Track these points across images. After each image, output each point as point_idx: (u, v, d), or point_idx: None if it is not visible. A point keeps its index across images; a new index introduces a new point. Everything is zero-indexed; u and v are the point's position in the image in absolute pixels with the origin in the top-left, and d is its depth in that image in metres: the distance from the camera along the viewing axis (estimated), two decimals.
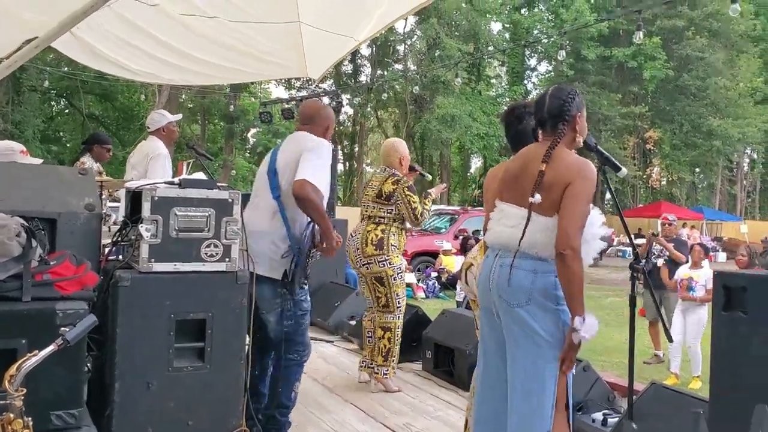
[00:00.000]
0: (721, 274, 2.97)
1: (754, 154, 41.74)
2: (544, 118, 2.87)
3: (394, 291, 5.09)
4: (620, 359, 8.32)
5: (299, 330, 3.54)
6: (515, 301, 2.76)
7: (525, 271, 2.76)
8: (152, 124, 5.47)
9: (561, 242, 2.65)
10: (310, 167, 3.33)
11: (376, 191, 5.16)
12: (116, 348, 2.60)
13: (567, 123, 2.83)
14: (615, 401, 4.56)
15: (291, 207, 3.43)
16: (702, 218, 33.04)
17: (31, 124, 25.24)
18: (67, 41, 5.28)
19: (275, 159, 3.59)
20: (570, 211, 2.69)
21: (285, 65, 6.46)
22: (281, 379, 3.55)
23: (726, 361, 2.83)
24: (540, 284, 2.74)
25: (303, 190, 3.25)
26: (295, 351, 3.57)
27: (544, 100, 2.88)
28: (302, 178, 3.27)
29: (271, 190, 3.50)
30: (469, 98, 32.11)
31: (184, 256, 2.73)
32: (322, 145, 3.52)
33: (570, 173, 2.72)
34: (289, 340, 3.52)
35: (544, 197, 2.73)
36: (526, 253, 2.77)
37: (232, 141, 35.55)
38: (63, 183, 2.75)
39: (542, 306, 2.74)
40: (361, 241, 5.11)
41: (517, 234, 2.77)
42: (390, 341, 5.12)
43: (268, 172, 3.56)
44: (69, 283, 2.15)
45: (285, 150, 3.60)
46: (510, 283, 2.77)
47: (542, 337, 2.74)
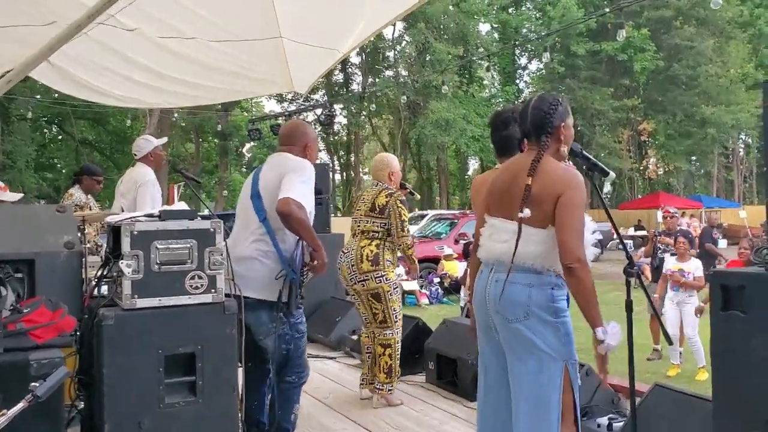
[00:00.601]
0: (718, 273, 2.92)
1: (748, 140, 41.71)
2: (527, 129, 2.86)
3: (391, 306, 5.04)
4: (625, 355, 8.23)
5: (297, 353, 3.50)
6: (513, 316, 2.72)
7: (521, 285, 2.73)
8: (139, 151, 5.42)
9: (566, 256, 2.63)
10: (293, 186, 3.31)
11: (368, 205, 5.10)
12: (104, 389, 2.54)
13: (550, 135, 2.80)
14: (620, 403, 4.49)
15: (278, 228, 3.39)
16: (701, 206, 32.99)
17: (23, 153, 25.18)
18: (46, 71, 5.24)
19: (257, 182, 3.55)
20: (567, 222, 2.67)
21: (270, 81, 6.42)
22: (280, 403, 3.49)
23: (727, 361, 2.78)
24: (537, 298, 2.71)
25: (287, 206, 3.22)
26: (294, 373, 3.52)
27: (527, 112, 2.84)
28: (286, 196, 3.24)
29: (256, 213, 3.46)
30: (462, 101, 32.11)
31: (168, 290, 2.67)
32: (303, 164, 3.50)
33: (559, 185, 2.70)
34: (288, 363, 3.48)
35: (534, 210, 2.70)
36: (521, 267, 2.74)
37: (227, 158, 35.53)
38: (40, 222, 2.69)
39: (541, 319, 2.71)
40: (355, 257, 5.03)
41: (510, 249, 2.74)
42: (391, 357, 5.06)
43: (251, 196, 3.52)
44: (44, 330, 2.09)
45: (266, 173, 3.57)
46: (506, 299, 2.74)
47: (543, 351, 2.70)
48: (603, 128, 34.10)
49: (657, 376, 7.35)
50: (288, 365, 3.49)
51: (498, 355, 2.89)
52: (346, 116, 36.50)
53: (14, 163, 24.35)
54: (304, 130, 3.79)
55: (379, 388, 5.09)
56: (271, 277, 3.37)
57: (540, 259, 2.72)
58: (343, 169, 40.99)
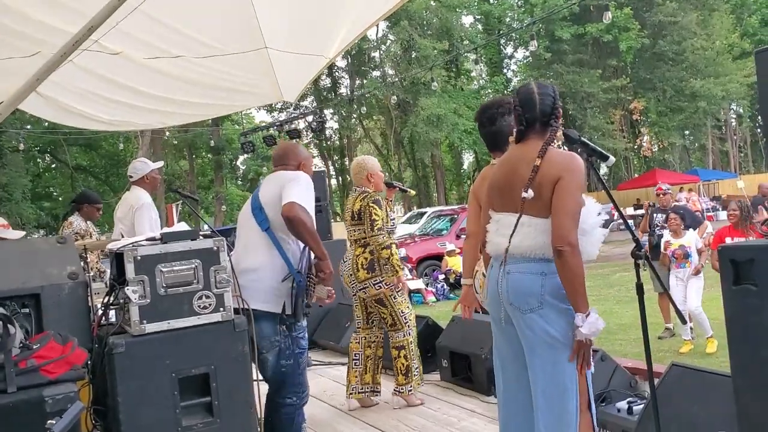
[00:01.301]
0: (727, 248, 2.89)
1: (740, 109, 41.70)
2: (535, 116, 2.83)
3: (398, 308, 5.02)
4: (637, 335, 8.26)
5: (297, 370, 3.45)
6: (527, 306, 2.73)
7: (533, 275, 2.74)
8: (135, 173, 5.39)
9: (557, 239, 2.63)
10: (295, 193, 3.31)
11: (350, 214, 5.13)
12: (120, 417, 2.52)
13: (557, 119, 2.84)
14: (637, 386, 4.48)
15: (283, 236, 3.39)
16: (698, 180, 33.02)
17: (19, 184, 25.17)
18: (35, 101, 5.21)
19: (257, 198, 3.56)
20: (562, 206, 2.66)
21: (259, 93, 6.40)
22: (285, 427, 3.44)
23: (743, 336, 2.75)
24: (550, 286, 2.71)
25: (293, 210, 3.22)
26: (293, 393, 3.46)
27: (533, 99, 2.83)
28: (290, 201, 3.24)
29: (259, 224, 3.45)
30: (451, 96, 32.09)
31: (176, 313, 2.65)
32: (301, 175, 3.51)
33: (556, 169, 2.70)
34: (287, 381, 3.42)
35: (536, 197, 2.70)
36: (531, 257, 2.76)
37: (222, 172, 35.51)
38: (42, 255, 2.68)
39: (555, 308, 2.71)
40: (352, 266, 5.05)
41: (518, 240, 2.76)
42: (407, 358, 5.05)
43: (252, 210, 3.51)
44: (56, 365, 2.07)
45: (265, 189, 3.57)
46: (519, 289, 2.75)
47: (558, 340, 2.71)
48: (594, 110, 34.05)
49: (670, 354, 7.35)
50: (287, 383, 3.43)
51: (515, 349, 2.89)
52: (337, 121, 36.47)
53: (11, 195, 24.33)
54: (297, 150, 3.81)
55: (398, 390, 5.09)
56: (276, 287, 3.35)
57: (548, 248, 2.71)
58: (338, 174, 40.95)
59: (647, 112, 36.97)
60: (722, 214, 28.25)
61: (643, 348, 3.01)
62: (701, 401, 3.53)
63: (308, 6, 4.79)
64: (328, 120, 34.16)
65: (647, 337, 3.01)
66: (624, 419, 3.97)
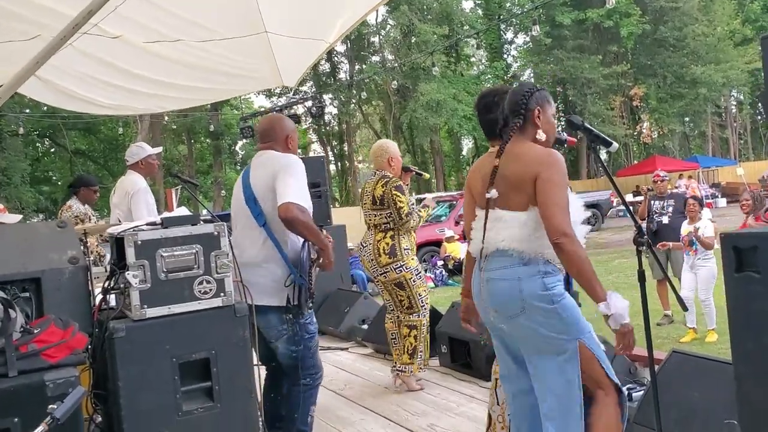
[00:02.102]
0: (729, 235, 2.88)
1: (740, 96, 41.60)
2: (506, 115, 2.88)
3: (416, 292, 5.06)
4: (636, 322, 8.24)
5: (308, 353, 3.46)
6: (511, 312, 2.71)
7: (509, 282, 2.70)
8: (131, 157, 5.36)
9: (552, 232, 2.59)
10: (290, 188, 3.25)
11: (370, 197, 5.12)
12: (121, 401, 2.52)
13: (522, 117, 2.81)
14: (637, 373, 4.48)
15: (280, 231, 3.35)
16: (697, 167, 32.98)
17: (18, 168, 25.11)
18: (34, 85, 5.18)
19: (248, 185, 3.48)
20: (548, 199, 2.63)
21: (259, 77, 6.37)
22: (297, 406, 3.47)
23: (745, 323, 2.74)
24: (528, 290, 2.67)
25: (290, 212, 3.17)
26: (308, 376, 3.48)
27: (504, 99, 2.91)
28: (286, 202, 3.19)
29: (255, 219, 3.40)
30: (451, 81, 31.98)
31: (177, 298, 2.64)
32: (292, 161, 3.43)
33: (534, 165, 2.68)
34: (300, 365, 3.43)
35: (514, 194, 2.71)
36: (505, 255, 2.72)
37: (221, 157, 35.43)
38: (42, 239, 2.66)
39: (539, 310, 2.67)
40: (373, 251, 5.07)
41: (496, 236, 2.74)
42: (416, 339, 5.09)
43: (246, 201, 3.46)
44: (56, 349, 2.06)
45: (256, 175, 3.49)
46: (499, 296, 2.73)
47: (552, 336, 2.68)
48: (594, 97, 33.96)
49: (669, 341, 7.37)
50: (300, 367, 3.45)
51: (509, 348, 2.92)
52: (336, 106, 36.36)
53: (10, 179, 24.28)
54: (281, 123, 3.71)
55: (401, 370, 5.11)
56: (278, 282, 3.33)
57: (525, 243, 2.68)
58: (337, 160, 40.89)
59: (647, 99, 36.89)
60: (721, 202, 28.27)
61: (643, 335, 3.00)
62: (701, 388, 3.54)
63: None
64: (327, 105, 34.05)
65: (648, 323, 3.00)
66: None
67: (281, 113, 10.17)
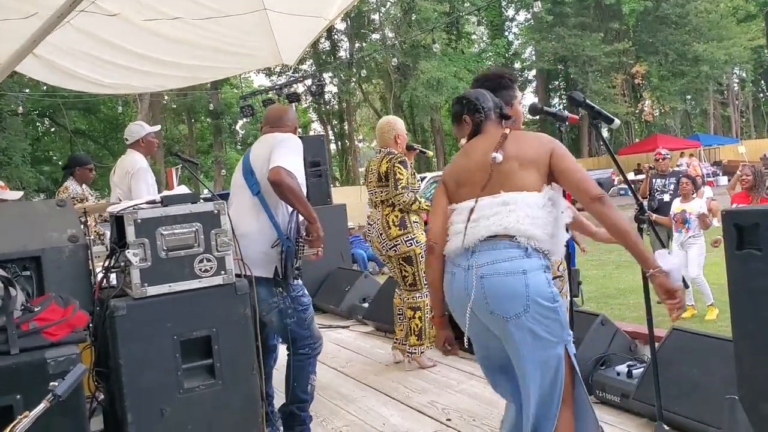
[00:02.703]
0: (731, 212, 2.87)
1: (743, 74, 41.36)
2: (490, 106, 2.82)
3: (422, 269, 5.04)
4: (636, 300, 8.31)
5: (303, 324, 3.50)
6: (512, 313, 2.43)
7: (514, 276, 2.44)
8: (131, 136, 5.35)
9: (592, 191, 2.48)
10: (282, 155, 3.31)
11: (375, 176, 5.11)
12: (123, 379, 2.53)
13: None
14: (637, 350, 4.49)
15: (273, 201, 3.40)
16: (698, 145, 32.89)
17: (18, 148, 25.04)
18: (33, 64, 5.16)
19: (248, 161, 3.56)
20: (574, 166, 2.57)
21: (258, 56, 6.34)
22: (295, 375, 3.52)
23: (745, 301, 2.75)
24: (534, 285, 2.43)
25: (278, 175, 3.22)
26: (306, 346, 3.53)
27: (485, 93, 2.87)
28: (276, 165, 3.25)
29: (250, 189, 3.46)
30: (452, 59, 31.78)
31: (177, 276, 2.64)
32: (291, 137, 3.52)
33: (546, 141, 2.64)
34: (295, 336, 3.48)
35: (525, 173, 2.56)
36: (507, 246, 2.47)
37: (221, 137, 35.35)
38: (42, 218, 2.66)
39: (541, 308, 2.44)
40: (382, 225, 5.07)
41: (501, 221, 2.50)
42: (421, 320, 5.10)
43: (243, 175, 3.54)
44: (57, 327, 2.07)
45: (256, 152, 3.57)
46: (500, 294, 2.45)
47: (548, 340, 2.47)
48: (596, 74, 33.80)
49: (669, 319, 7.37)
50: (296, 338, 3.50)
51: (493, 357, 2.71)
52: (336, 84, 36.18)
53: (10, 159, 24.22)
54: (292, 114, 3.84)
55: (411, 351, 5.13)
56: (266, 252, 3.37)
57: (537, 227, 2.47)
58: (337, 139, 40.75)
59: (649, 77, 36.71)
60: (722, 180, 28.20)
61: (643, 312, 3.01)
62: (701, 365, 3.55)
63: None
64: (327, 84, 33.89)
65: (649, 300, 3.02)
66: (624, 382, 3.99)
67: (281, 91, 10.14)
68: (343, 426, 4.18)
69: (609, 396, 4.06)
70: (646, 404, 3.66)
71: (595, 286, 9.34)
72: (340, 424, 4.22)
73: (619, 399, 3.97)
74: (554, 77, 41.81)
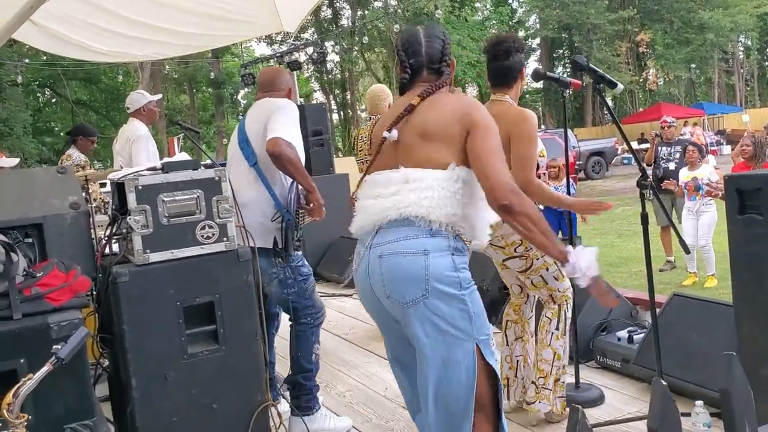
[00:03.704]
0: (733, 177, 2.87)
1: (748, 42, 40.99)
2: (421, 62, 2.39)
3: None
4: (638, 268, 8.35)
5: (305, 294, 3.49)
6: (409, 298, 2.15)
7: (413, 256, 2.15)
8: (132, 104, 5.35)
9: (498, 193, 2.10)
10: (280, 125, 3.24)
11: (367, 144, 5.03)
12: (126, 345, 2.54)
13: (449, 66, 2.44)
14: (638, 316, 4.52)
15: (270, 171, 3.35)
16: (703, 114, 32.71)
17: (20, 119, 24.99)
18: (30, 31, 5.11)
19: (243, 129, 3.49)
20: (486, 147, 2.18)
21: (258, 23, 6.27)
22: (299, 345, 3.53)
23: (746, 265, 2.75)
24: (435, 268, 2.13)
25: (277, 147, 3.16)
26: (308, 315, 3.53)
27: (420, 43, 2.39)
28: (274, 136, 3.18)
29: (246, 159, 3.41)
30: (455, 27, 31.47)
31: (179, 242, 2.64)
32: (287, 104, 3.43)
33: (461, 108, 2.26)
34: (296, 306, 3.48)
35: (429, 147, 2.24)
36: (409, 225, 2.18)
37: (223, 106, 35.23)
38: (43, 185, 2.66)
39: (443, 296, 2.14)
40: None
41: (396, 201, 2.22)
42: None
43: (239, 143, 3.47)
44: (60, 292, 2.08)
45: (251, 119, 3.50)
46: (396, 276, 2.17)
47: (450, 334, 2.15)
48: (600, 43, 33.53)
49: (671, 286, 7.43)
50: (297, 308, 3.49)
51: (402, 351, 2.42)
52: (339, 53, 35.91)
53: (12, 129, 24.18)
54: (286, 77, 3.72)
55: None
56: (265, 223, 3.34)
57: (435, 209, 2.16)
58: (339, 108, 40.56)
59: (654, 45, 36.38)
60: (726, 149, 28.08)
61: (643, 281, 3.01)
62: (702, 330, 3.57)
63: None
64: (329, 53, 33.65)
65: (650, 265, 3.01)
66: (624, 348, 4.01)
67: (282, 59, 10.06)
68: (346, 391, 4.22)
69: (609, 361, 4.09)
70: (646, 369, 3.69)
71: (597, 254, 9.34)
72: (343, 389, 4.26)
73: (620, 364, 4.01)
74: (558, 45, 41.47)
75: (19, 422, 1.54)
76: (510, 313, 3.61)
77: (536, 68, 3.23)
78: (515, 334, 3.59)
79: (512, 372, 3.57)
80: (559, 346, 3.38)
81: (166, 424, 2.63)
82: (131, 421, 2.60)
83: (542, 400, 3.36)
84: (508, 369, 3.57)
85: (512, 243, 3.32)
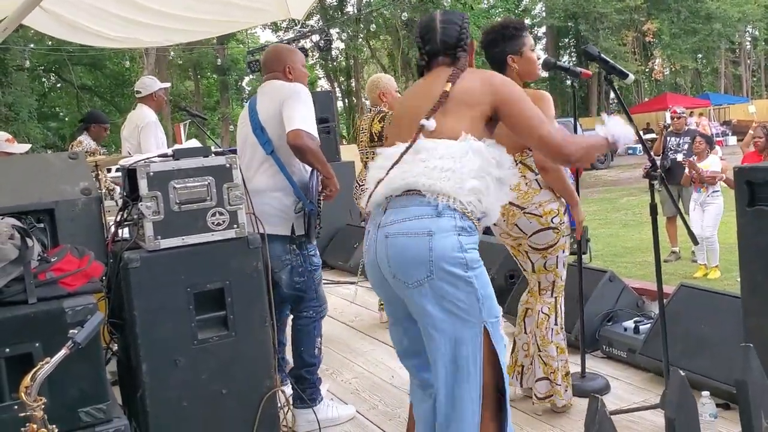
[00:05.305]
0: (743, 169, 2.87)
1: (755, 32, 40.77)
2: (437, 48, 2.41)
3: None
4: (643, 258, 8.36)
5: (312, 286, 3.49)
6: (413, 279, 2.14)
7: (417, 237, 2.13)
8: (143, 89, 5.35)
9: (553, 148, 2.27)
10: (297, 115, 3.22)
11: (367, 135, 5.03)
12: (137, 331, 2.56)
13: (465, 50, 2.41)
14: (644, 306, 4.53)
15: (287, 159, 3.35)
16: (708, 104, 32.60)
17: (25, 104, 25.02)
18: (39, 16, 5.10)
19: (255, 114, 3.45)
20: (525, 114, 2.26)
21: (265, 9, 6.24)
22: (301, 338, 3.53)
23: (755, 257, 2.76)
24: (440, 249, 2.10)
25: (299, 139, 3.16)
26: (311, 308, 3.52)
27: (435, 29, 2.41)
28: (295, 128, 3.17)
29: (263, 147, 3.39)
30: None
31: (190, 229, 2.65)
32: (299, 89, 3.38)
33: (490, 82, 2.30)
34: (303, 297, 3.48)
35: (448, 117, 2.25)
36: (415, 203, 2.17)
37: (228, 93, 35.19)
38: (54, 171, 2.67)
39: (448, 276, 2.11)
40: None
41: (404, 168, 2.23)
42: None
43: (253, 129, 3.43)
44: (74, 277, 2.09)
45: (263, 104, 3.46)
46: (400, 256, 2.17)
47: (456, 315, 2.13)
48: (606, 32, 33.36)
49: (675, 276, 7.43)
50: (303, 299, 3.50)
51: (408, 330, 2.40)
52: (344, 40, 35.81)
53: (17, 114, 24.22)
54: (285, 52, 3.64)
55: None
56: (284, 210, 3.35)
57: (442, 180, 2.14)
58: (344, 96, 40.50)
59: (660, 34, 36.18)
60: (732, 140, 28.01)
61: (649, 270, 3.03)
62: (709, 321, 3.58)
63: None
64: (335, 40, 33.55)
65: (659, 255, 3.02)
66: (630, 338, 4.03)
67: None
68: (352, 378, 4.25)
69: (615, 351, 4.10)
70: (652, 359, 3.71)
71: (602, 244, 9.36)
72: (349, 376, 4.28)
73: (626, 354, 4.02)
74: (564, 34, 41.28)
75: (36, 405, 1.56)
76: (530, 301, 3.52)
77: (546, 58, 3.21)
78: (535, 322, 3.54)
79: (528, 360, 3.52)
80: (560, 340, 3.39)
81: (175, 408, 2.65)
82: (141, 406, 2.62)
83: (555, 395, 3.37)
84: (524, 357, 3.56)
85: (549, 211, 3.22)
